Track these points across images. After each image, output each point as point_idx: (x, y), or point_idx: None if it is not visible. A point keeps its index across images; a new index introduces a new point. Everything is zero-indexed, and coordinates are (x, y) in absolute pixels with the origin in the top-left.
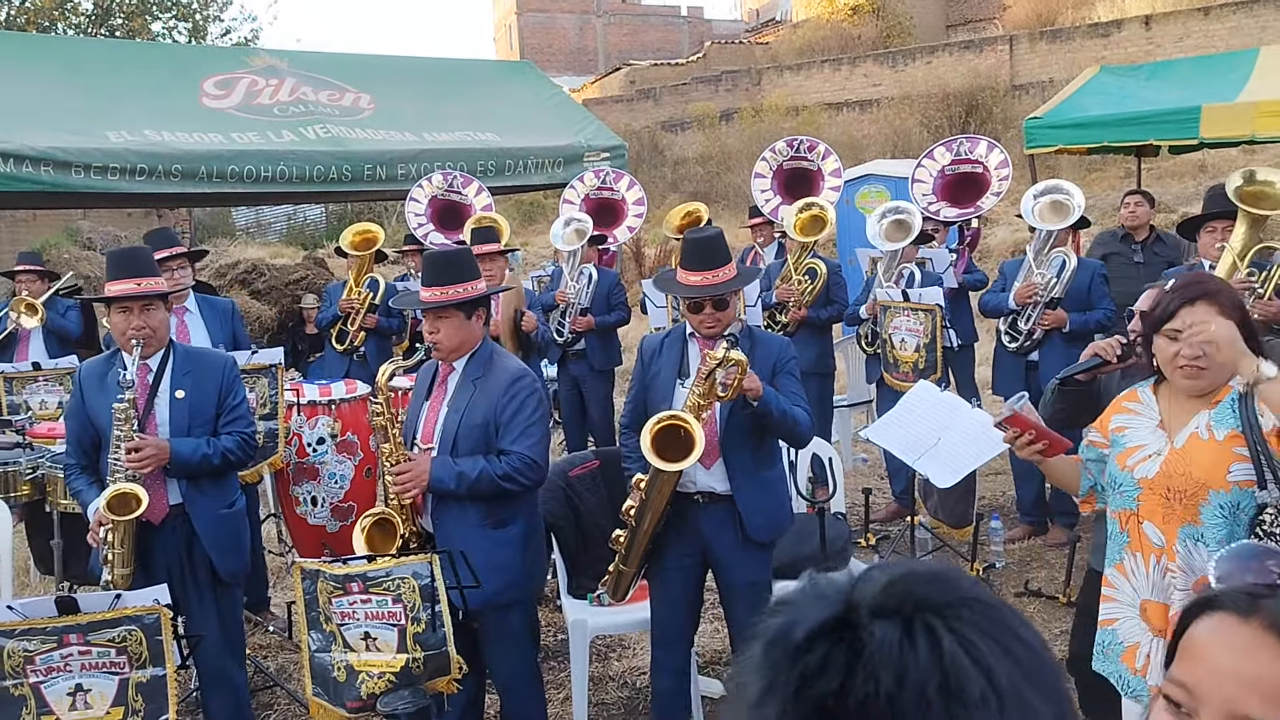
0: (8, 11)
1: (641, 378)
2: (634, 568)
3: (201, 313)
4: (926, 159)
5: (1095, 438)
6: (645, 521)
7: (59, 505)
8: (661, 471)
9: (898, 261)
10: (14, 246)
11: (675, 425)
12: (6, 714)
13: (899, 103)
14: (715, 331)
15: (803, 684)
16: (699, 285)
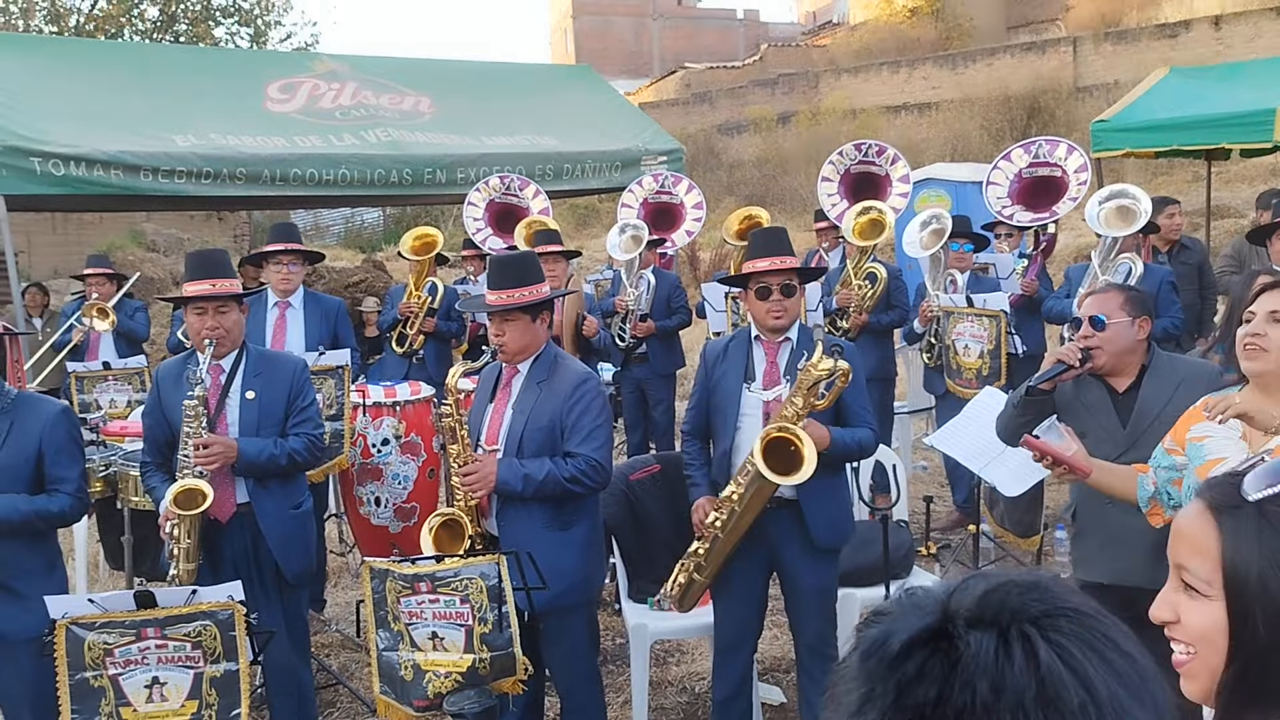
0: (77, 19)
1: (705, 383)
2: (709, 579)
3: (305, 309)
4: (1003, 161)
5: (1170, 445)
6: (732, 533)
7: (130, 502)
8: (765, 483)
9: (943, 268)
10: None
11: (784, 438)
12: (87, 704)
13: (959, 106)
14: (782, 323)
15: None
16: (766, 269)
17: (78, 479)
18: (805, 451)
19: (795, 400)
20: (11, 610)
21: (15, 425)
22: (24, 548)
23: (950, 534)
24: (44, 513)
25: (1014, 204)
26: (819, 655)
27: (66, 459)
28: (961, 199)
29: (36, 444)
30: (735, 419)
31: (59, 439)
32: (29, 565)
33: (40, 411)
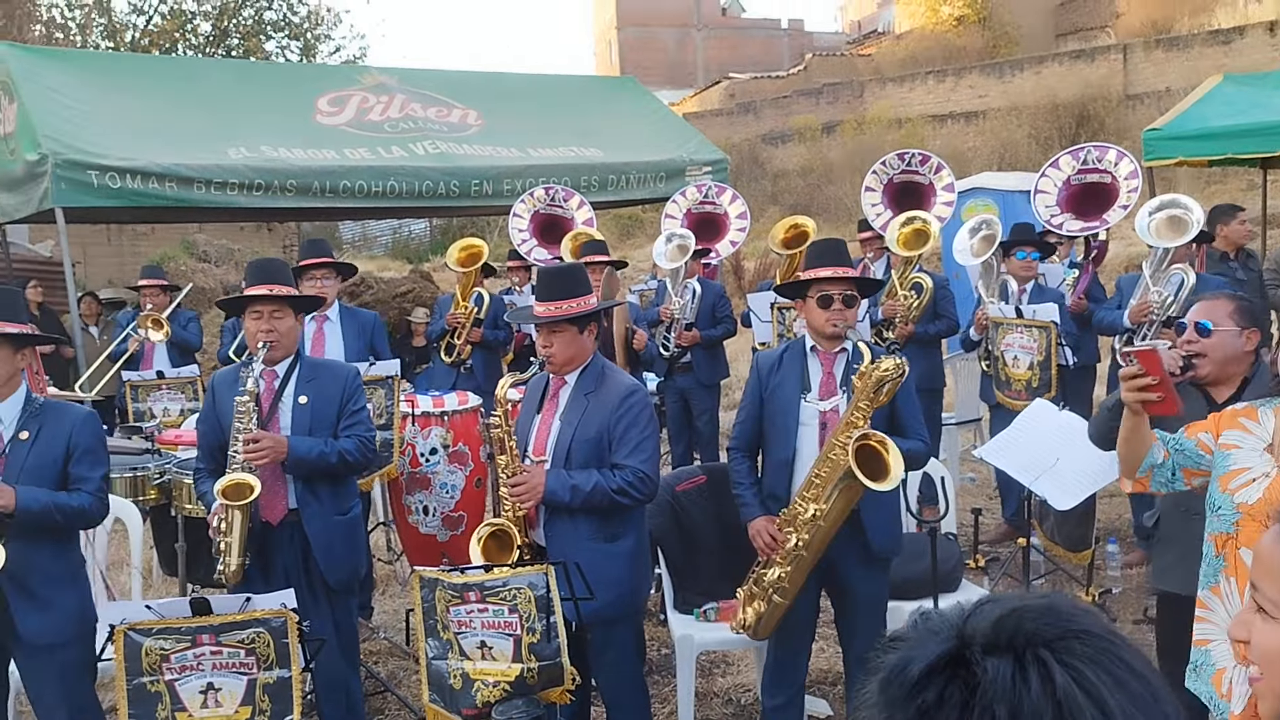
0: (132, 35)
1: (758, 394)
2: (791, 599)
3: (342, 322)
4: (1051, 168)
5: (1204, 437)
6: (817, 551)
7: (184, 509)
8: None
9: (996, 275)
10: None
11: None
12: (144, 709)
13: (1006, 114)
14: (840, 332)
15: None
16: (830, 276)
17: (99, 480)
18: (890, 457)
19: (861, 404)
20: (35, 615)
21: (44, 429)
22: (48, 554)
23: (999, 547)
24: (64, 506)
25: (1063, 212)
26: (865, 666)
27: (90, 460)
28: (1009, 208)
29: (65, 446)
30: (795, 430)
31: (86, 441)
32: (53, 572)
33: (67, 415)
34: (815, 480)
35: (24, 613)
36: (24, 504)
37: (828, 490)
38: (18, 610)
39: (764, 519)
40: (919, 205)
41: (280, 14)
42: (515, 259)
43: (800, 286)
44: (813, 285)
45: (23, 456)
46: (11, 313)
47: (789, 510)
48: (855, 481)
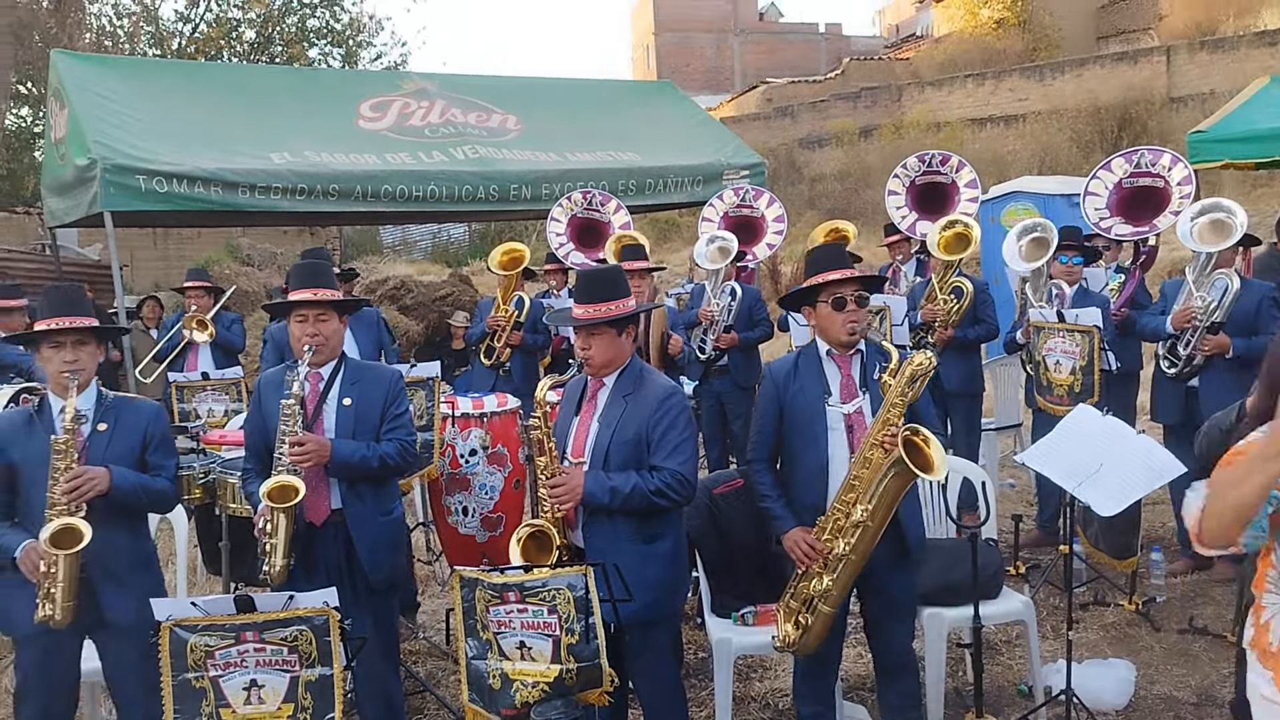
0: (179, 42)
1: (776, 402)
2: (836, 607)
3: (350, 326)
4: (1102, 171)
5: None
6: (864, 553)
7: (228, 509)
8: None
9: (1045, 280)
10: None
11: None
12: (189, 704)
13: (1046, 117)
14: (858, 333)
15: None
16: (840, 278)
17: (173, 468)
18: (932, 449)
19: (896, 401)
20: (119, 596)
21: (120, 421)
22: (126, 539)
23: (1039, 554)
24: (148, 487)
25: (1113, 216)
26: (902, 667)
27: (165, 449)
28: (1050, 213)
29: (141, 436)
30: (824, 435)
31: (160, 431)
32: (132, 556)
33: (140, 408)
34: (855, 483)
35: (109, 594)
36: (117, 483)
37: (870, 490)
38: (104, 592)
39: (799, 529)
40: (943, 206)
41: (323, 21)
42: (552, 262)
43: (808, 293)
44: (823, 290)
45: (103, 446)
46: (84, 308)
47: (826, 518)
48: (898, 479)
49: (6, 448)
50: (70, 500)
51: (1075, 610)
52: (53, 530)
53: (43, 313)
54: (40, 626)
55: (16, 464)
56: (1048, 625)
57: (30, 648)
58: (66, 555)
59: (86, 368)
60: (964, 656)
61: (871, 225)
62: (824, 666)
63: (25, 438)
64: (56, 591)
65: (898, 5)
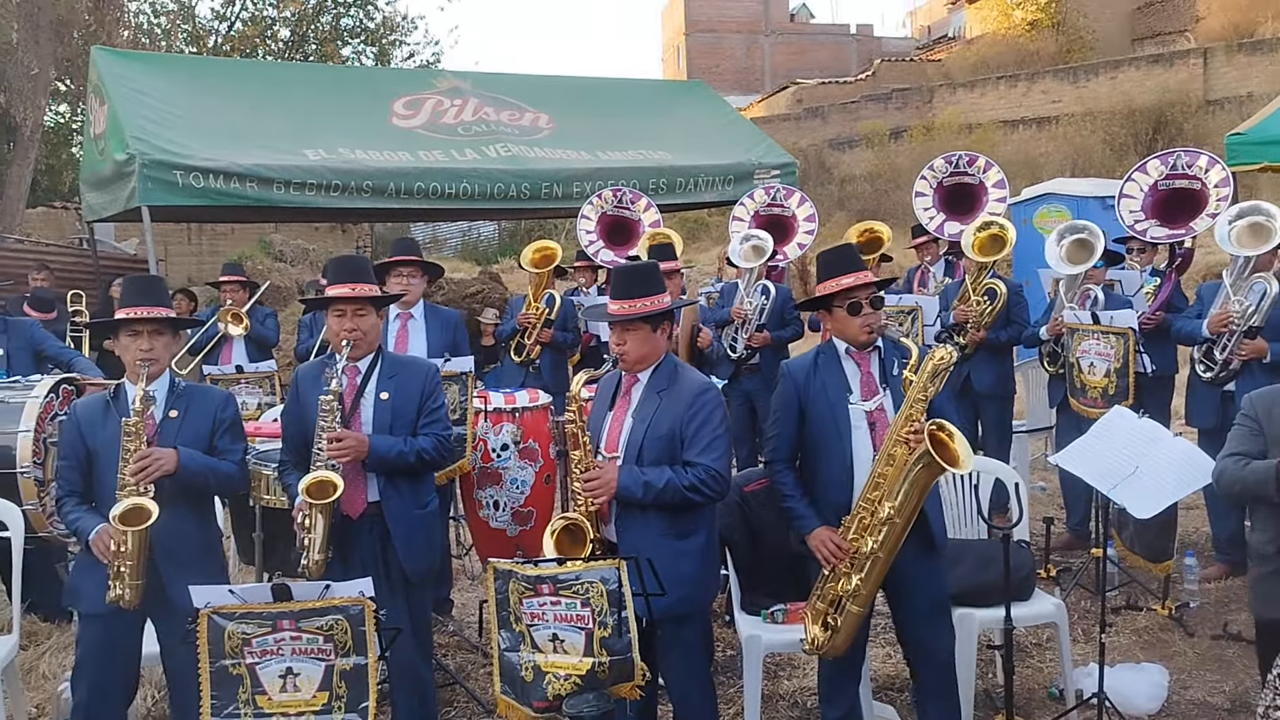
0: (215, 40)
1: (796, 401)
2: (865, 607)
3: (426, 320)
4: (1138, 173)
5: None
6: (892, 550)
7: (261, 500)
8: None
9: (1081, 283)
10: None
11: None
12: (226, 691)
13: (1080, 119)
14: (875, 336)
15: None
16: (854, 284)
17: (242, 453)
18: (956, 442)
19: (918, 396)
20: (180, 581)
21: (190, 408)
22: (194, 524)
23: (1069, 557)
24: (216, 469)
25: (1148, 218)
26: (938, 667)
27: (233, 434)
28: (1083, 215)
29: (211, 422)
30: (848, 434)
31: (229, 417)
32: (198, 541)
33: (210, 395)
34: (879, 480)
35: (172, 578)
36: (184, 464)
37: (896, 487)
38: (168, 577)
39: (825, 529)
40: (972, 206)
41: (356, 20)
42: (582, 260)
43: (824, 299)
44: (838, 296)
45: (174, 433)
46: (163, 299)
47: (851, 517)
48: (925, 474)
49: (85, 434)
50: (138, 480)
51: (1107, 614)
52: (122, 509)
53: (123, 301)
54: (109, 606)
55: (95, 450)
56: (1078, 629)
57: (94, 625)
58: (134, 532)
59: (160, 357)
60: (994, 658)
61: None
62: (848, 669)
63: (102, 424)
64: (126, 570)
65: (930, 7)
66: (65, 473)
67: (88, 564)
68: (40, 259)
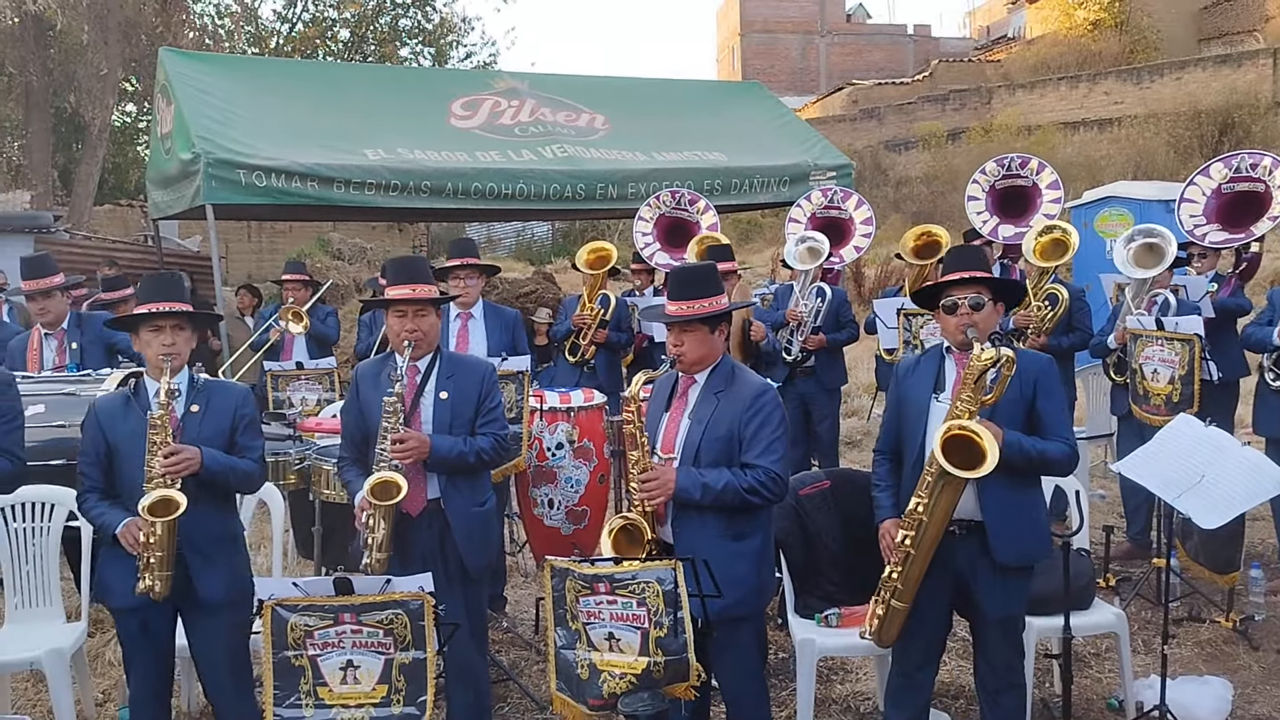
0: (276, 41)
1: (895, 394)
2: (909, 602)
3: (486, 320)
4: (1200, 176)
5: None
6: (925, 548)
7: (321, 495)
8: (948, 483)
9: (1149, 288)
10: (273, 255)
11: (962, 435)
12: (288, 681)
13: (1143, 121)
14: (970, 337)
15: None
16: (955, 280)
17: (261, 449)
18: (984, 444)
19: (964, 396)
20: (209, 573)
21: (211, 403)
22: (216, 518)
23: (1130, 566)
24: (236, 468)
25: (1209, 223)
26: (1005, 684)
27: (253, 430)
28: (1146, 219)
29: (231, 418)
30: (924, 429)
31: (248, 414)
32: (220, 534)
33: (231, 391)
34: (926, 477)
35: (200, 572)
36: (207, 464)
37: (930, 485)
38: (195, 569)
39: (891, 520)
40: (1026, 209)
41: (415, 21)
42: (639, 262)
43: (932, 295)
44: (940, 292)
45: (196, 427)
46: (181, 294)
47: (908, 512)
48: (951, 475)
49: (105, 429)
50: (166, 474)
51: (1169, 625)
52: (150, 500)
53: (142, 298)
54: (140, 599)
55: (115, 444)
56: (1138, 640)
57: (129, 619)
58: (163, 523)
59: (182, 352)
60: (1051, 667)
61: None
62: (917, 677)
63: (123, 419)
64: (155, 561)
65: (989, 7)
66: (86, 469)
67: (114, 558)
68: (107, 255)
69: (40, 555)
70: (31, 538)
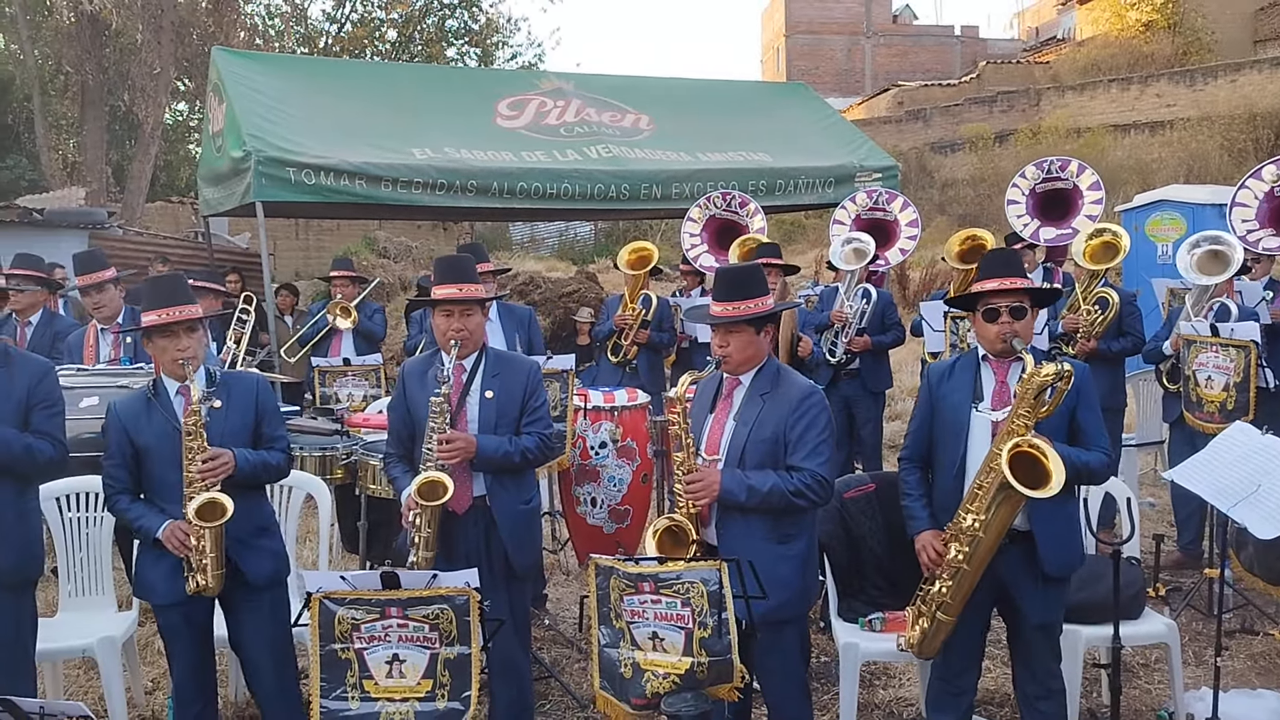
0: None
1: (928, 403)
2: (955, 616)
3: (501, 320)
4: (1252, 179)
5: None
6: (978, 564)
7: (367, 489)
8: (1010, 502)
9: (1209, 296)
10: (319, 253)
11: (1025, 452)
12: (335, 674)
13: (1196, 124)
14: (1009, 345)
15: None
16: (994, 289)
17: (285, 437)
18: (1050, 463)
19: (1022, 412)
20: (252, 558)
21: (232, 397)
22: (251, 505)
23: (1180, 576)
24: (267, 463)
25: (1262, 227)
26: (1045, 690)
27: (277, 420)
28: (1199, 223)
29: (254, 410)
30: (964, 441)
31: (269, 402)
32: (257, 520)
33: (246, 381)
34: (977, 491)
35: (244, 558)
36: (240, 465)
37: (988, 501)
38: (239, 557)
39: (931, 532)
40: (1067, 212)
41: (461, 22)
42: (687, 263)
43: (970, 300)
44: (980, 298)
45: (221, 422)
46: (187, 296)
47: (953, 523)
48: (1014, 491)
49: (130, 431)
50: (205, 479)
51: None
52: (199, 504)
53: (148, 305)
54: (178, 595)
55: (143, 446)
56: (1189, 651)
57: (171, 614)
58: (212, 529)
59: (198, 353)
60: (1099, 677)
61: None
62: (959, 681)
63: (146, 421)
64: (207, 563)
65: (1038, 8)
66: (114, 471)
67: (154, 558)
68: (159, 251)
69: (93, 545)
70: (85, 527)
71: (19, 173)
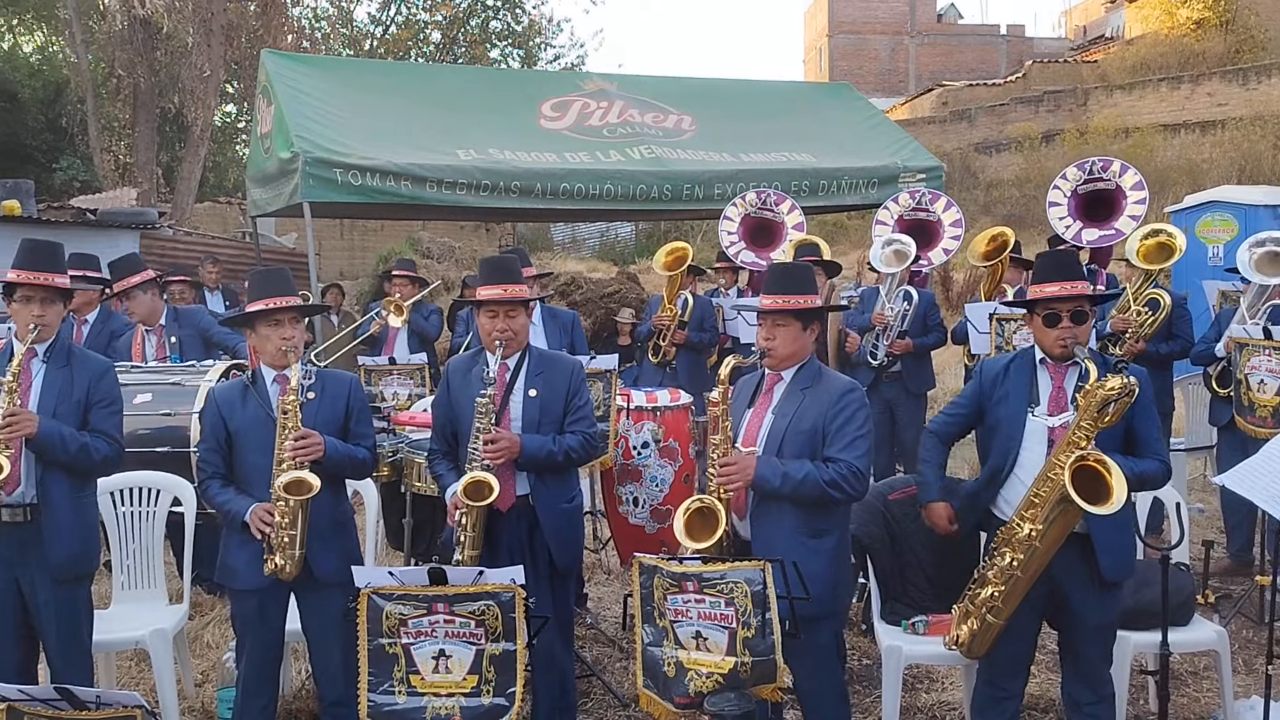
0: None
1: (976, 397)
2: (1006, 620)
3: (544, 322)
4: None
5: None
6: (1032, 572)
7: (413, 487)
8: (1070, 515)
9: (1266, 298)
10: (364, 253)
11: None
12: (382, 668)
13: (1249, 124)
14: (1069, 350)
15: None
16: (1057, 294)
17: (373, 438)
18: (1113, 480)
19: (1084, 424)
20: (325, 554)
21: (325, 391)
22: (330, 501)
23: (1230, 583)
24: (354, 456)
25: None
26: (1097, 695)
27: (367, 419)
28: (1252, 224)
29: (345, 406)
30: (1018, 445)
31: (360, 401)
32: (335, 517)
33: (341, 379)
34: (1034, 499)
35: (315, 552)
36: (329, 453)
37: (1046, 511)
38: (312, 550)
39: (943, 505)
40: (1110, 213)
41: (504, 24)
42: (724, 261)
43: (1029, 303)
44: (1040, 303)
45: (314, 414)
46: (292, 288)
47: (1007, 527)
48: (1073, 505)
49: (225, 417)
50: (296, 455)
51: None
52: (286, 480)
53: (255, 294)
54: (264, 581)
55: (236, 432)
56: (1238, 659)
57: (247, 601)
58: (298, 501)
59: (300, 343)
60: (1147, 683)
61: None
62: (1008, 687)
63: (241, 408)
64: (288, 541)
65: (1085, 6)
66: (207, 455)
67: (239, 542)
68: (208, 251)
69: (145, 539)
70: (138, 521)
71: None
